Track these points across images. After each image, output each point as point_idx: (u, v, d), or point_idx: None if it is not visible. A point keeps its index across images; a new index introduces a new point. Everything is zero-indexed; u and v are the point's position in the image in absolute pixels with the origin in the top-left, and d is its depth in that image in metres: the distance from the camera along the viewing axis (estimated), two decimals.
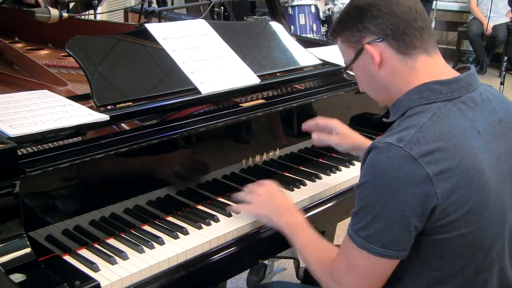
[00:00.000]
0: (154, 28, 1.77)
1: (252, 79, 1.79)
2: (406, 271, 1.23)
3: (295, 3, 5.36)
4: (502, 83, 4.87)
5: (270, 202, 1.51)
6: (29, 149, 1.29)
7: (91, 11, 3.02)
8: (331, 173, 1.85)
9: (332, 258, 1.27)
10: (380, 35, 1.23)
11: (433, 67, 1.25)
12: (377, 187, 1.14)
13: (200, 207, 1.59)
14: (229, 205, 1.56)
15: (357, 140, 1.72)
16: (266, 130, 1.82)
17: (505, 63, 4.93)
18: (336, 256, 1.27)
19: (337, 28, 1.32)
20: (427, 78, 1.23)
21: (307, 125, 1.76)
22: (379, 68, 1.26)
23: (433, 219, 1.14)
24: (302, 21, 5.37)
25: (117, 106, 1.53)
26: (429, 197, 1.11)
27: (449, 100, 1.20)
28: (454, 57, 7.37)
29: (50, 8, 1.89)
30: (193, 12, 4.81)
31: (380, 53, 1.24)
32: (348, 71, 1.36)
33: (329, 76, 2.03)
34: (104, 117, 1.42)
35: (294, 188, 1.73)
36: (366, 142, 1.68)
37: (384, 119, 1.32)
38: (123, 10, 4.59)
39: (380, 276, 1.20)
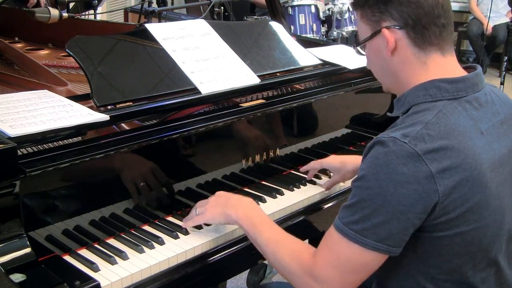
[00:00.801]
0: (154, 28, 1.77)
1: (252, 79, 1.79)
2: (403, 268, 1.22)
3: (295, 3, 5.36)
4: (502, 83, 4.87)
5: (221, 201, 1.44)
6: (29, 149, 1.28)
7: (91, 11, 3.02)
8: (331, 173, 1.85)
9: (311, 254, 1.23)
10: (400, 22, 1.22)
11: (444, 66, 1.25)
12: (379, 181, 1.13)
13: None
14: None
15: (354, 163, 1.70)
16: (266, 130, 1.82)
17: (505, 63, 4.94)
18: (316, 251, 1.23)
19: (360, 1, 1.29)
20: (435, 76, 1.22)
21: (309, 174, 1.80)
22: (391, 55, 1.25)
23: (432, 216, 1.14)
24: (302, 21, 5.37)
25: (117, 106, 1.53)
26: (430, 194, 1.11)
27: (454, 99, 1.20)
28: None
29: (50, 8, 1.89)
30: (193, 12, 4.81)
31: (396, 41, 1.23)
32: (359, 48, 1.35)
33: (329, 76, 2.03)
34: (104, 117, 1.42)
35: (294, 189, 1.73)
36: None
37: (388, 113, 1.33)
38: (123, 10, 4.59)
39: (368, 271, 1.19)
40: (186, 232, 1.45)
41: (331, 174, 1.81)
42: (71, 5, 3.06)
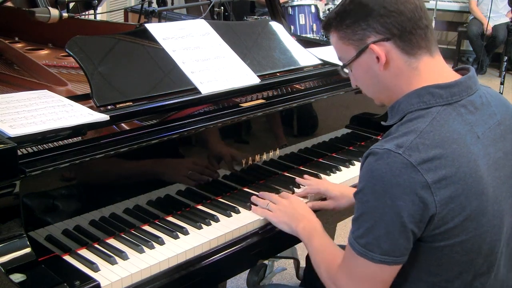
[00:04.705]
0: (154, 28, 1.77)
1: (252, 79, 1.79)
2: (404, 276, 1.22)
3: (295, 3, 5.37)
4: (502, 83, 4.87)
5: (291, 210, 1.51)
6: (29, 149, 1.28)
7: (91, 11, 3.02)
8: (331, 173, 1.85)
9: (338, 264, 1.27)
10: (386, 34, 1.19)
11: (435, 68, 1.23)
12: (375, 194, 1.13)
13: (200, 207, 1.59)
14: (233, 206, 1.58)
15: (351, 197, 1.59)
16: (266, 130, 1.82)
17: (505, 63, 4.94)
18: (339, 263, 1.26)
19: (334, 23, 1.26)
20: (428, 79, 1.21)
21: (299, 194, 1.70)
22: (384, 69, 1.22)
23: (431, 227, 1.13)
24: (302, 21, 5.37)
25: (117, 106, 1.53)
26: (427, 204, 1.10)
27: (449, 104, 1.18)
28: (454, 57, 7.37)
29: (50, 8, 1.89)
30: (193, 12, 4.82)
31: (386, 53, 1.20)
32: (345, 69, 1.31)
33: (329, 76, 2.03)
34: (104, 117, 1.42)
35: (294, 189, 1.73)
36: None
37: (383, 122, 1.30)
38: (123, 10, 4.60)
39: (382, 282, 1.20)
40: (186, 232, 1.45)
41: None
42: (71, 5, 3.06)
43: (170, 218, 1.52)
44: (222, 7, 4.33)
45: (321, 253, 1.36)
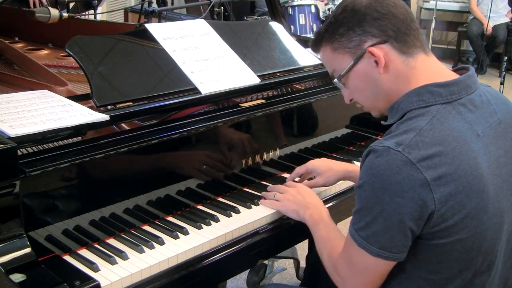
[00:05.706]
0: (154, 28, 1.77)
1: (252, 79, 1.79)
2: (404, 274, 1.23)
3: (295, 3, 5.37)
4: (502, 83, 4.87)
5: (299, 198, 1.54)
6: (29, 149, 1.29)
7: (91, 11, 3.03)
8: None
9: (339, 252, 1.30)
10: (383, 37, 1.21)
11: (431, 66, 1.25)
12: (375, 190, 1.14)
13: (200, 207, 1.59)
14: (233, 206, 1.58)
15: (339, 170, 1.68)
16: (266, 130, 1.82)
17: (505, 63, 4.94)
18: (340, 251, 1.29)
19: (326, 35, 1.28)
20: (426, 78, 1.22)
21: (290, 178, 1.73)
22: (383, 72, 1.23)
23: (430, 224, 1.14)
24: (302, 21, 5.38)
25: (117, 106, 1.53)
26: (426, 202, 1.11)
27: (448, 103, 1.19)
28: (454, 57, 7.37)
29: (50, 8, 1.89)
30: (193, 12, 4.82)
31: (384, 55, 1.22)
32: (339, 81, 1.32)
33: (329, 76, 2.03)
34: (104, 117, 1.42)
35: None
36: (348, 167, 1.69)
37: (383, 122, 1.31)
38: (123, 10, 4.60)
39: (378, 274, 1.22)
40: (186, 232, 1.45)
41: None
42: (71, 5, 3.06)
43: (170, 218, 1.52)
44: (222, 7, 4.34)
45: (326, 240, 1.39)
